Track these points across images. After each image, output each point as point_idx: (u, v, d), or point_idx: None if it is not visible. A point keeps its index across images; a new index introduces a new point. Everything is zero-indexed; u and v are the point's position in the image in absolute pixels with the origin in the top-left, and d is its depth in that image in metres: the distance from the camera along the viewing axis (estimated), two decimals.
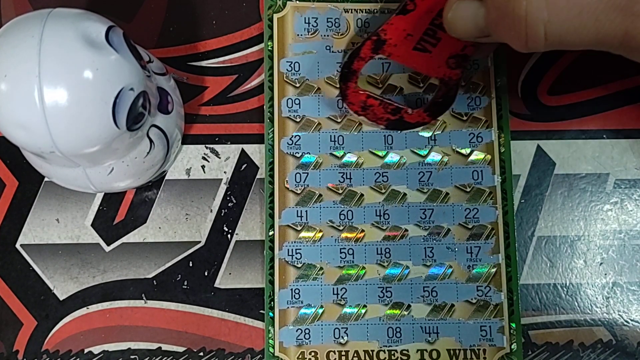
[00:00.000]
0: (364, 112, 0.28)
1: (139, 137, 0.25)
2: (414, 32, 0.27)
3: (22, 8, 0.31)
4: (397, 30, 0.27)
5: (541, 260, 0.30)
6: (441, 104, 0.28)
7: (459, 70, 0.27)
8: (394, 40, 0.27)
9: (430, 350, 0.29)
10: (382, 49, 0.27)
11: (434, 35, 0.27)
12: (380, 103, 0.28)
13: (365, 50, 0.27)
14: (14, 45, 0.21)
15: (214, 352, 0.29)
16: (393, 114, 0.28)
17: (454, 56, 0.27)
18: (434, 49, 0.27)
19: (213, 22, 0.31)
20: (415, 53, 0.27)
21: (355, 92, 0.28)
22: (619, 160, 0.31)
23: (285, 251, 0.29)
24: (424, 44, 0.27)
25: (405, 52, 0.27)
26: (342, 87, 0.28)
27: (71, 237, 0.29)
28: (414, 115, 0.28)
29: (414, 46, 0.27)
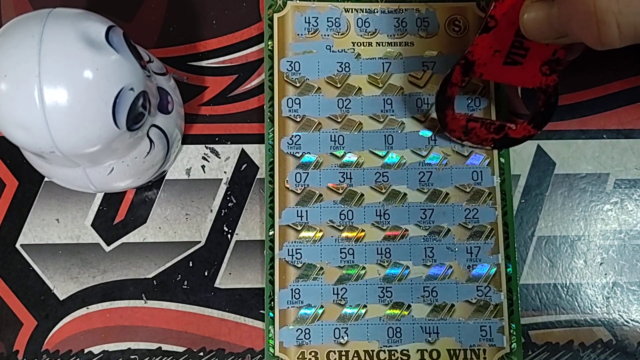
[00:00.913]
0: (467, 137, 0.28)
1: (139, 137, 0.25)
2: (501, 48, 0.26)
3: (22, 8, 0.31)
4: (484, 49, 0.26)
5: (541, 260, 0.30)
6: (544, 113, 0.27)
7: (554, 76, 0.27)
8: (483, 59, 0.26)
9: (430, 350, 0.29)
10: (473, 71, 0.27)
11: (521, 47, 0.26)
12: (481, 124, 0.28)
13: (456, 75, 0.27)
14: (14, 45, 0.21)
15: (214, 352, 0.29)
16: (497, 132, 0.28)
17: (547, 62, 0.26)
18: (524, 60, 0.26)
19: (213, 22, 0.31)
20: (507, 67, 0.27)
21: (454, 119, 0.28)
22: (619, 160, 0.31)
23: (286, 251, 0.29)
24: (513, 57, 0.26)
25: (496, 68, 0.27)
26: (440, 116, 0.27)
27: (71, 237, 0.29)
28: (518, 129, 0.28)
29: (504, 61, 0.26)
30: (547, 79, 0.27)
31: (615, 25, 0.21)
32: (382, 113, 0.30)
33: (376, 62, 0.30)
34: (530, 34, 0.25)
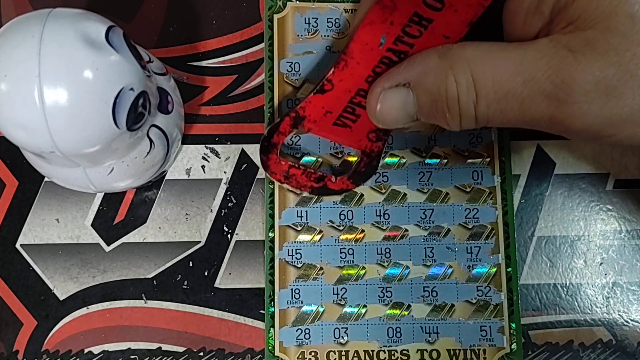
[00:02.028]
0: (287, 181, 0.28)
1: (139, 137, 0.25)
2: (333, 110, 0.27)
3: (22, 8, 0.31)
4: (316, 107, 0.27)
5: (541, 260, 0.30)
6: (364, 173, 0.28)
7: (380, 143, 0.27)
8: (313, 116, 0.27)
9: (430, 350, 0.29)
10: (302, 124, 0.27)
11: (353, 112, 0.26)
12: (303, 172, 0.28)
13: (284, 125, 0.27)
14: (14, 45, 0.21)
15: (214, 352, 0.29)
16: (316, 181, 0.28)
17: (375, 131, 0.27)
18: (354, 125, 0.27)
19: (213, 22, 0.31)
20: (336, 128, 0.27)
21: (277, 163, 0.28)
22: (619, 160, 0.31)
23: (286, 251, 0.29)
24: (343, 120, 0.27)
25: (325, 127, 0.27)
26: (263, 158, 0.28)
27: (71, 237, 0.29)
28: (337, 183, 0.28)
29: (333, 122, 0.27)
30: (372, 144, 0.27)
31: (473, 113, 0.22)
32: None
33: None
34: (384, 124, 0.25)
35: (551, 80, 0.21)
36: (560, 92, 0.20)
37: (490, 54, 0.22)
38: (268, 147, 0.28)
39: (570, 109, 0.21)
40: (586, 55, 0.20)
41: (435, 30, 0.23)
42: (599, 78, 0.20)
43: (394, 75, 0.24)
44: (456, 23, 0.23)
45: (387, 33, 0.24)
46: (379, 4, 0.23)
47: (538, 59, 0.21)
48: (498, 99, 0.21)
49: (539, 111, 0.21)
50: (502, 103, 0.21)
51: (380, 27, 0.24)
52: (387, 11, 0.23)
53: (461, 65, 0.22)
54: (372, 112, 0.25)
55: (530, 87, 0.21)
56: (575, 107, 0.21)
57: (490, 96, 0.21)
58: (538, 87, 0.21)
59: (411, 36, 0.24)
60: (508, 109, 0.22)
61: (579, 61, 0.20)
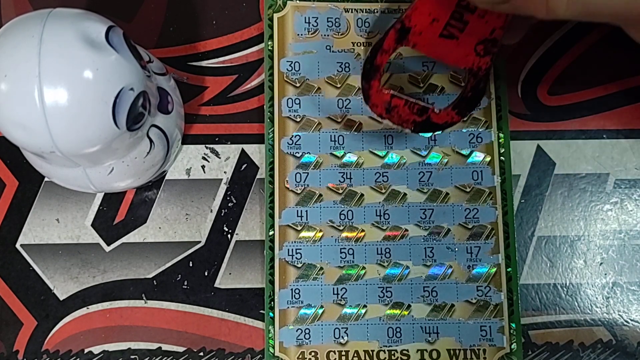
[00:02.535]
0: (389, 115, 0.26)
1: (139, 137, 0.25)
2: (440, 17, 0.25)
3: (22, 8, 0.31)
4: (422, 15, 0.25)
5: (541, 260, 0.30)
6: (470, 99, 0.26)
7: (487, 58, 0.25)
8: (419, 27, 0.25)
9: (430, 350, 0.29)
10: (407, 39, 0.25)
11: (460, 19, 0.25)
12: (405, 103, 0.26)
13: (389, 41, 0.25)
14: (14, 45, 0.21)
15: (214, 352, 0.29)
16: (420, 114, 0.26)
17: (483, 41, 0.25)
18: (461, 35, 0.25)
19: (213, 22, 0.31)
20: (442, 41, 0.25)
21: (379, 92, 0.26)
22: (619, 160, 0.31)
23: (286, 251, 0.29)
24: (450, 29, 0.25)
25: (431, 40, 0.25)
26: (365, 86, 0.26)
27: (71, 237, 0.29)
28: (442, 114, 0.26)
29: (440, 32, 0.25)
30: (480, 60, 0.25)
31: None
32: None
33: None
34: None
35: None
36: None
37: None
38: (370, 71, 0.25)
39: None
40: None
41: None
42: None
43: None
44: None
45: None
46: None
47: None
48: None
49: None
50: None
51: None
52: None
53: None
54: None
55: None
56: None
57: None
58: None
59: None
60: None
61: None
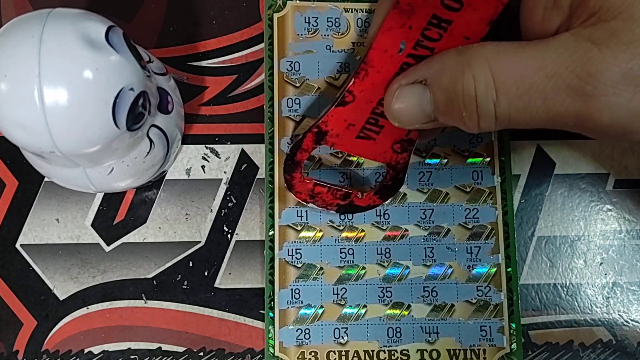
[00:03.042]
0: (313, 200, 0.28)
1: (139, 137, 0.25)
2: (356, 122, 0.26)
3: (22, 8, 0.31)
4: (338, 121, 0.26)
5: (541, 260, 0.30)
6: (391, 187, 0.28)
7: (405, 154, 0.27)
8: (336, 130, 0.26)
9: (430, 350, 0.29)
10: (325, 140, 0.26)
11: (376, 124, 0.26)
12: (328, 190, 0.28)
13: (307, 142, 0.27)
14: (14, 45, 0.21)
15: (214, 352, 0.29)
16: (343, 199, 0.28)
17: (399, 141, 0.26)
18: (377, 137, 0.26)
19: (213, 22, 0.31)
20: (359, 141, 0.26)
21: (301, 182, 0.27)
22: (619, 160, 0.31)
23: (286, 251, 0.29)
24: (366, 132, 0.26)
25: (348, 141, 0.26)
26: (287, 177, 0.27)
27: (71, 237, 0.29)
28: (364, 199, 0.28)
29: (357, 135, 0.26)
30: (398, 156, 0.27)
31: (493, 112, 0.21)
32: None
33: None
34: (398, 120, 0.24)
35: (576, 73, 0.20)
36: (587, 85, 0.20)
37: (510, 51, 0.21)
38: (292, 166, 0.27)
39: (597, 102, 0.20)
40: (611, 47, 0.20)
41: (455, 31, 0.23)
42: (625, 69, 0.19)
43: (411, 72, 0.23)
44: (476, 22, 0.23)
45: (407, 38, 0.23)
46: (397, 9, 0.23)
47: (560, 52, 0.20)
48: (520, 94, 0.21)
49: (564, 106, 0.20)
50: (525, 99, 0.21)
51: (399, 33, 0.23)
52: (405, 15, 0.23)
53: (479, 62, 0.21)
54: (389, 109, 0.24)
55: (555, 82, 0.20)
56: (603, 100, 0.20)
57: (512, 92, 0.21)
58: (562, 81, 0.20)
59: (431, 40, 0.23)
60: (531, 106, 0.21)
61: (604, 53, 0.20)
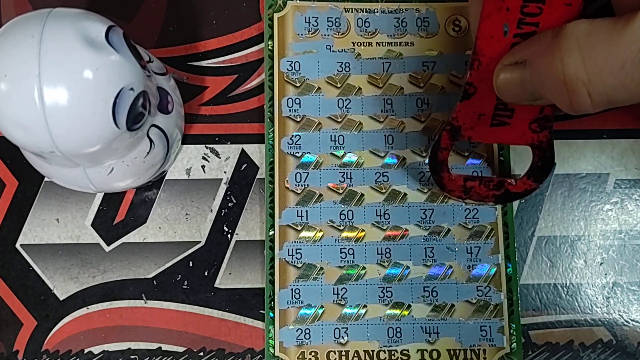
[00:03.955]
0: (468, 196, 0.28)
1: (139, 137, 0.25)
2: (485, 111, 0.26)
3: (22, 8, 0.31)
4: (467, 114, 0.26)
5: (541, 260, 0.30)
6: (542, 167, 0.27)
7: (546, 132, 0.26)
8: (469, 124, 0.26)
9: (430, 350, 0.29)
10: (460, 135, 0.27)
11: (506, 108, 0.26)
12: (480, 182, 0.27)
13: (444, 140, 0.27)
14: (14, 45, 0.21)
15: (214, 352, 0.29)
16: (497, 189, 0.27)
17: (535, 120, 0.26)
18: (512, 120, 0.26)
19: (213, 22, 0.31)
20: (495, 129, 0.26)
21: (451, 180, 0.27)
22: (619, 160, 0.31)
23: (286, 251, 0.29)
24: (499, 119, 0.26)
25: (484, 131, 0.26)
26: (436, 178, 0.27)
27: (71, 237, 0.29)
28: (518, 184, 0.27)
29: (490, 123, 0.26)
30: (538, 135, 0.26)
31: (586, 94, 0.21)
32: (382, 113, 0.30)
33: (376, 62, 0.30)
34: (504, 96, 0.24)
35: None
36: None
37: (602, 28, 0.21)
38: (437, 167, 0.27)
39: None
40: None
41: (553, 1, 0.23)
42: None
43: (513, 53, 0.24)
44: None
45: (508, 20, 0.23)
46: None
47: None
48: (614, 72, 0.20)
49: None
50: (620, 76, 0.20)
51: (499, 17, 0.23)
52: None
53: (570, 44, 0.21)
54: (495, 87, 0.24)
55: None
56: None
57: (605, 71, 0.20)
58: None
59: (532, 15, 0.23)
60: (629, 81, 0.20)
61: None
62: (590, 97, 0.21)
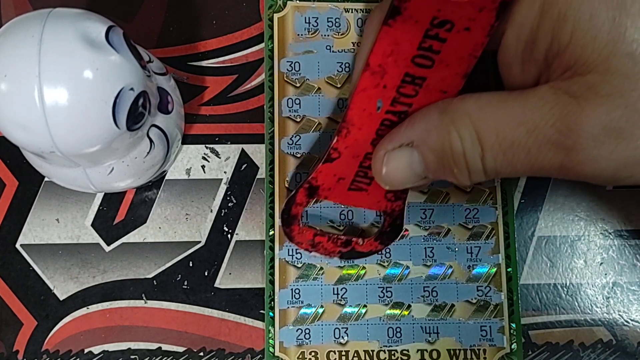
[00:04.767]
0: (315, 249, 0.28)
1: (139, 137, 0.25)
2: (345, 176, 0.26)
3: (22, 8, 0.31)
4: (328, 176, 0.26)
5: (541, 260, 0.30)
6: (390, 232, 0.28)
7: (399, 202, 0.27)
8: (327, 185, 0.26)
9: (430, 350, 0.29)
10: (317, 194, 0.27)
11: (365, 176, 0.26)
12: (329, 238, 0.28)
13: (300, 197, 0.27)
14: (14, 45, 0.21)
15: (214, 352, 0.29)
16: (344, 246, 0.28)
17: (391, 190, 0.26)
18: (369, 187, 0.26)
19: (213, 22, 0.31)
20: (352, 193, 0.27)
21: (300, 233, 0.28)
22: None
23: (286, 251, 0.29)
24: (357, 184, 0.26)
25: (341, 193, 0.27)
26: (286, 230, 0.27)
27: (71, 237, 0.29)
28: (365, 245, 0.28)
29: (348, 187, 0.26)
30: (392, 204, 0.27)
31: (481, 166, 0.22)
32: None
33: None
34: (392, 185, 0.24)
35: (556, 127, 0.20)
36: (567, 139, 0.20)
37: (491, 105, 0.21)
38: (289, 220, 0.27)
39: (579, 155, 0.20)
40: (589, 100, 0.19)
41: (430, 87, 0.23)
42: (605, 122, 0.19)
43: (396, 136, 0.23)
44: (451, 77, 0.23)
45: (383, 97, 0.23)
46: (368, 71, 0.23)
47: (540, 106, 0.20)
48: (504, 150, 0.21)
49: (547, 160, 0.20)
50: (509, 154, 0.21)
51: (374, 92, 0.23)
52: (378, 76, 0.23)
53: (463, 119, 0.21)
54: (379, 175, 0.24)
55: (535, 136, 0.20)
56: (584, 154, 0.20)
57: (496, 148, 0.21)
58: (543, 135, 0.20)
59: (408, 96, 0.23)
60: (515, 160, 0.21)
61: (583, 106, 0.20)
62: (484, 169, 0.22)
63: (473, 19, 0.21)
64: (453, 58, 0.22)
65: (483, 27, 0.21)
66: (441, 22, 0.21)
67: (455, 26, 0.21)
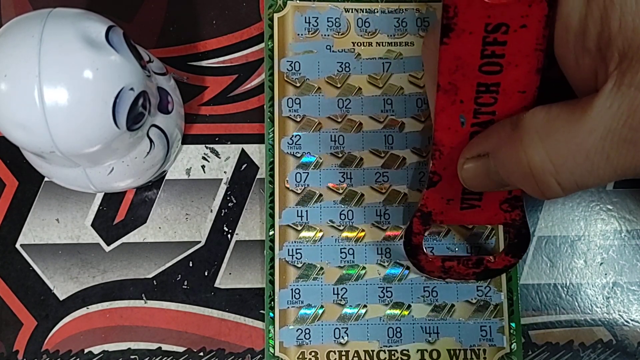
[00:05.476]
0: (448, 275, 0.28)
1: (139, 137, 0.25)
2: (453, 196, 0.26)
3: (22, 8, 0.31)
4: (435, 200, 0.26)
5: (541, 260, 0.30)
6: (519, 244, 0.27)
7: (517, 210, 0.26)
8: (438, 209, 0.26)
9: (430, 350, 0.29)
10: (432, 220, 0.27)
11: (474, 192, 0.26)
12: (458, 262, 0.27)
13: (416, 226, 0.27)
14: (14, 45, 0.21)
15: (214, 352, 0.29)
16: (476, 266, 0.27)
17: (505, 201, 0.26)
18: (481, 203, 0.26)
19: (213, 22, 0.31)
20: (466, 212, 0.26)
21: (428, 262, 0.27)
22: None
23: (286, 251, 0.29)
24: (468, 202, 0.26)
25: (455, 214, 0.26)
26: (414, 262, 0.27)
27: (71, 237, 0.29)
28: (498, 261, 0.27)
29: (460, 207, 0.26)
30: (510, 215, 0.26)
31: (555, 184, 0.21)
32: (382, 113, 0.30)
33: (376, 62, 0.30)
34: (472, 187, 0.24)
35: (628, 125, 0.19)
36: None
37: (560, 118, 0.21)
38: (412, 251, 0.27)
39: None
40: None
41: (507, 91, 0.23)
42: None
43: (473, 146, 0.23)
44: (524, 76, 0.22)
45: (463, 111, 0.23)
46: (440, 91, 0.23)
47: (607, 107, 0.20)
48: (580, 163, 0.20)
49: (629, 160, 0.20)
50: (587, 165, 0.20)
51: (453, 109, 0.23)
52: (451, 93, 0.23)
53: (531, 138, 0.21)
54: (462, 180, 0.24)
55: (611, 139, 0.20)
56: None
57: (570, 162, 0.20)
58: (618, 136, 0.19)
59: (487, 105, 0.23)
60: (596, 169, 0.20)
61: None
62: (559, 185, 0.21)
63: (526, 15, 0.21)
64: (519, 57, 0.22)
65: (539, 20, 0.21)
66: (495, 26, 0.21)
67: (511, 27, 0.21)
